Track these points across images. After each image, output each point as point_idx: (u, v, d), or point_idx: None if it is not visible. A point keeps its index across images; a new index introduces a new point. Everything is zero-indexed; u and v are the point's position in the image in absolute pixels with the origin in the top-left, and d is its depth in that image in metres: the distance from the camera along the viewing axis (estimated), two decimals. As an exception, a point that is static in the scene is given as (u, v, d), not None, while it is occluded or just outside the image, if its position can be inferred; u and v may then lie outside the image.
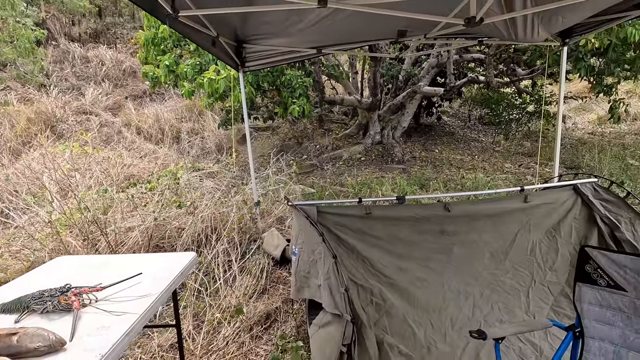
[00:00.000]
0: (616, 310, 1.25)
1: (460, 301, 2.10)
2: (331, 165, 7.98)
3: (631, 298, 1.22)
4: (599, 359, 1.26)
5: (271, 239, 3.32)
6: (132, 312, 1.31)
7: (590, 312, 1.29)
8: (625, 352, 1.21)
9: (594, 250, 1.29)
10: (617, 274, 1.23)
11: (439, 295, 2.11)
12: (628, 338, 1.21)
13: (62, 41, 12.07)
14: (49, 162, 4.95)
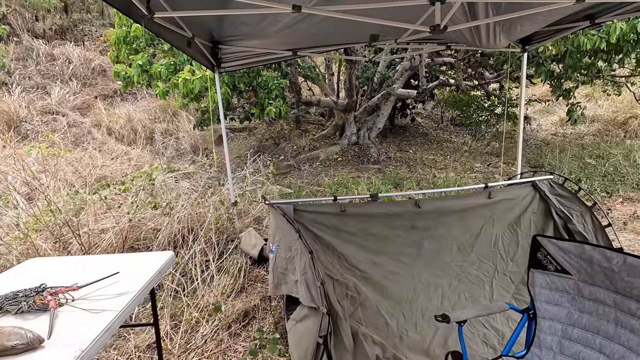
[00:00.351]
0: (563, 292, 1.39)
1: (430, 292, 2.22)
2: (308, 165, 8.06)
3: (575, 280, 1.36)
4: (549, 337, 1.40)
5: (249, 239, 3.35)
6: (110, 309, 1.33)
7: (542, 295, 1.43)
8: (571, 329, 1.35)
9: (544, 239, 1.43)
10: (563, 260, 1.37)
11: (410, 287, 2.22)
12: (573, 316, 1.35)
13: (25, 37, 11.51)
14: (13, 164, 4.75)
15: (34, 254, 2.62)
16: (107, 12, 16.06)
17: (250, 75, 5.26)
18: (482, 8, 2.31)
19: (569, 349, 1.33)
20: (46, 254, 2.61)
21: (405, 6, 2.04)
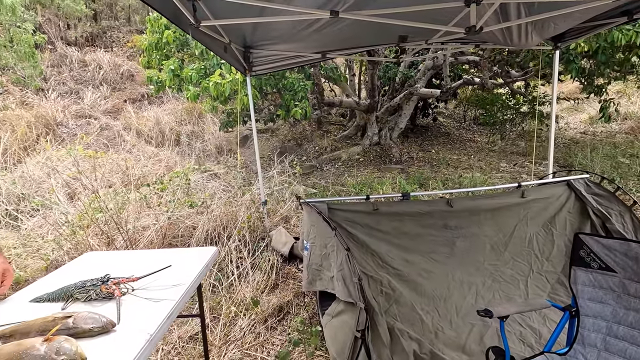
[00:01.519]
0: (607, 289, 1.39)
1: (464, 290, 2.24)
2: (330, 166, 8.13)
3: (620, 278, 1.36)
4: (593, 334, 1.40)
5: (279, 237, 3.44)
6: (168, 298, 1.43)
7: (585, 292, 1.44)
8: (617, 327, 1.36)
9: (587, 237, 1.43)
10: (608, 257, 1.38)
11: (444, 285, 2.24)
12: (618, 314, 1.36)
13: (59, 45, 12.09)
14: (54, 166, 5.03)
15: (82, 249, 2.80)
16: (133, 19, 16.66)
17: (276, 77, 5.38)
18: (514, 8, 2.31)
19: (614, 346, 1.33)
20: (95, 249, 2.77)
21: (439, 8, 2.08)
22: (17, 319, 1.31)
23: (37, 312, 1.38)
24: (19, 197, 4.54)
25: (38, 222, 3.79)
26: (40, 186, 4.74)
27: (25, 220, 4.05)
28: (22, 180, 4.89)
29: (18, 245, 3.15)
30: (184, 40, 5.33)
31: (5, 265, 1.47)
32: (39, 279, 1.67)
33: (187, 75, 4.76)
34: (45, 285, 1.61)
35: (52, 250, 2.79)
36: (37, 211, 4.21)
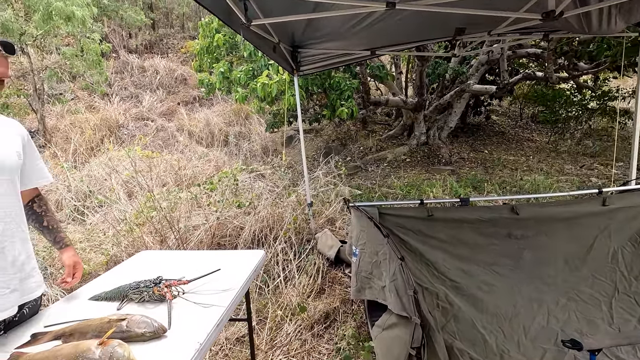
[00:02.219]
0: None
1: (533, 309, 1.99)
2: (375, 166, 7.93)
3: None
4: None
5: (325, 240, 3.36)
6: (218, 304, 1.40)
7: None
8: None
9: None
10: None
11: (509, 301, 2.02)
12: None
13: (122, 53, 13.07)
14: (114, 166, 5.38)
15: (138, 245, 2.93)
16: (186, 26, 17.58)
17: (322, 77, 5.32)
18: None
19: None
20: (149, 246, 2.89)
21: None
22: (78, 316, 1.35)
23: (95, 310, 1.41)
24: (85, 194, 4.91)
25: (100, 218, 4.05)
26: (103, 184, 5.10)
27: (89, 216, 4.36)
28: (88, 178, 5.29)
29: (83, 239, 3.38)
30: (233, 43, 5.45)
31: (76, 259, 1.53)
32: (98, 277, 1.73)
33: (235, 77, 4.86)
34: (104, 282, 1.67)
35: (111, 246, 2.95)
36: (100, 207, 4.53)
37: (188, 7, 16.61)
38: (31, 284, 1.28)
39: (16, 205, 1.23)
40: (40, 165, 1.39)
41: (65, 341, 1.18)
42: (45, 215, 1.45)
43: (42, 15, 7.18)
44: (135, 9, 13.34)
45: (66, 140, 7.62)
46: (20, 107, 8.15)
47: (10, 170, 1.19)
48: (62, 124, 8.30)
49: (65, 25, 7.56)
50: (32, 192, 1.41)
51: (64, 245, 1.52)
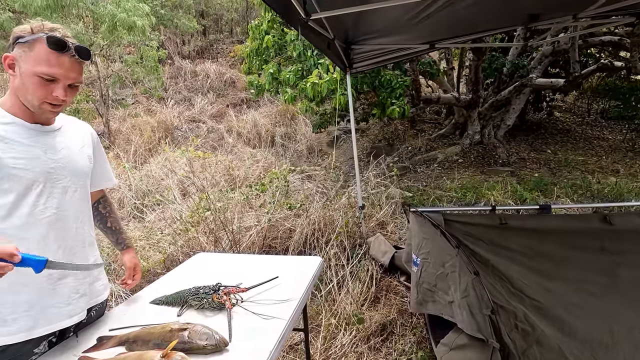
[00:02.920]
0: None
1: (636, 338, 1.69)
2: (425, 167, 7.58)
3: None
4: None
5: (378, 245, 3.20)
6: (279, 317, 1.31)
7: None
8: None
9: None
10: None
11: (604, 327, 1.73)
12: None
13: (177, 59, 13.80)
14: (170, 166, 5.62)
15: (193, 245, 2.98)
16: (235, 30, 18.20)
17: (372, 75, 5.14)
18: None
19: None
20: (203, 246, 2.93)
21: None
22: (139, 319, 1.33)
23: (156, 313, 1.39)
24: (144, 192, 5.17)
25: (157, 216, 4.22)
26: (160, 184, 5.34)
27: (148, 214, 4.57)
28: (147, 178, 5.57)
29: (143, 237, 3.52)
30: (282, 44, 5.45)
31: (136, 261, 1.54)
32: (158, 279, 1.73)
33: (284, 78, 4.85)
34: (164, 284, 1.66)
35: (168, 245, 3.03)
36: (158, 206, 4.73)
37: (236, 13, 17.19)
38: (99, 287, 1.28)
39: (88, 209, 1.23)
40: (107, 167, 1.40)
41: (129, 347, 1.16)
42: (110, 216, 1.46)
43: (108, 27, 7.74)
44: (188, 17, 14.05)
45: (127, 141, 8.16)
46: (89, 111, 8.87)
47: (84, 175, 1.20)
48: (124, 127, 8.90)
49: (128, 34, 8.10)
50: (98, 194, 1.42)
51: (125, 247, 1.53)
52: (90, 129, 1.32)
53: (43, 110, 1.03)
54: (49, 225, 1.05)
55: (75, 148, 1.17)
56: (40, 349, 1.08)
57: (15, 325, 1.01)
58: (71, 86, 1.04)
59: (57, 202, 1.08)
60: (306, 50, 4.63)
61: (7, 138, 1.00)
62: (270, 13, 5.36)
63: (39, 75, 0.98)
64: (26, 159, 1.01)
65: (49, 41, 0.97)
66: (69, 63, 1.01)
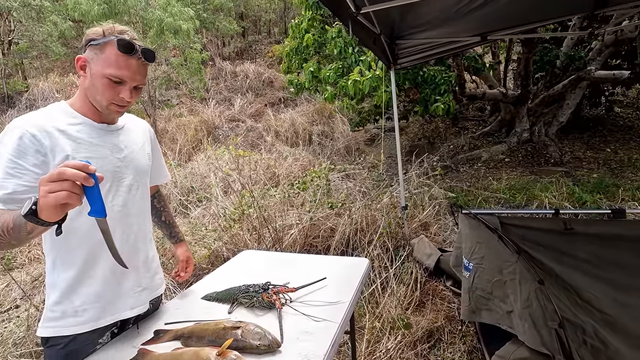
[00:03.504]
0: None
1: None
2: (468, 166, 7.26)
3: None
4: None
5: (422, 247, 3.08)
6: (330, 319, 1.27)
7: None
8: None
9: None
10: None
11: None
12: None
13: (217, 61, 14.26)
14: (214, 164, 5.80)
15: (236, 242, 3.03)
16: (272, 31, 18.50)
17: (414, 71, 4.98)
18: None
19: None
20: (246, 243, 2.97)
21: None
22: (192, 314, 1.35)
23: (207, 309, 1.41)
24: (188, 189, 5.37)
25: (201, 212, 4.35)
26: (203, 181, 5.52)
27: (192, 210, 4.74)
28: (191, 175, 5.79)
29: (188, 232, 3.65)
30: (322, 42, 5.43)
31: (188, 254, 1.58)
32: (208, 275, 1.76)
33: (324, 76, 4.82)
34: (214, 279, 1.68)
35: (213, 241, 3.11)
36: (201, 202, 4.89)
37: (274, 14, 17.46)
38: (157, 280, 1.32)
39: (148, 206, 1.27)
40: (162, 163, 1.43)
41: (184, 342, 1.17)
42: (164, 210, 1.49)
43: (155, 31, 8.13)
44: (228, 19, 14.46)
45: (173, 140, 8.54)
46: (138, 112, 9.40)
47: (145, 173, 1.23)
48: (169, 126, 9.33)
49: (173, 38, 8.46)
50: (153, 189, 1.46)
51: (178, 240, 1.56)
52: (147, 125, 1.36)
53: (110, 111, 1.07)
54: (115, 223, 1.09)
55: (136, 147, 1.21)
56: (104, 339, 1.12)
57: (86, 316, 1.05)
58: (136, 88, 1.07)
59: (122, 200, 1.12)
60: (347, 47, 4.57)
61: (79, 138, 1.04)
62: (310, 12, 5.35)
63: (108, 77, 1.00)
64: (96, 159, 1.05)
65: (119, 44, 0.99)
66: (135, 65, 1.03)
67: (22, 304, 2.99)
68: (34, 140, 0.95)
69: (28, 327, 2.48)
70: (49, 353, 1.04)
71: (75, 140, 1.02)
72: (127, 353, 1.11)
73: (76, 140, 1.03)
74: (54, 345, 1.04)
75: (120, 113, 1.11)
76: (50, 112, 1.04)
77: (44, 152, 0.96)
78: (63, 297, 1.05)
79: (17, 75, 11.56)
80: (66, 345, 1.04)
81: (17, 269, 3.62)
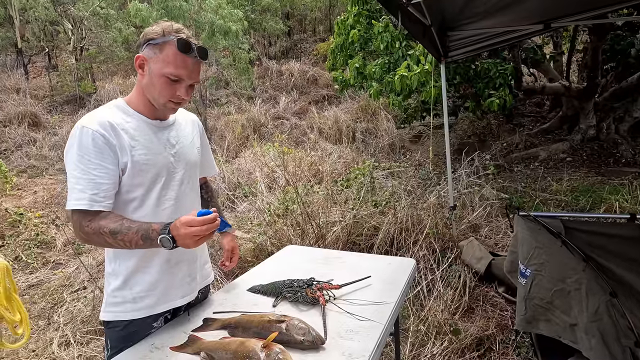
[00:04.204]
0: None
1: None
2: (523, 166, 6.78)
3: None
4: None
5: (472, 250, 2.92)
6: (375, 320, 1.24)
7: None
8: None
9: None
10: None
11: None
12: None
13: (264, 60, 14.63)
14: (259, 160, 5.96)
15: (280, 237, 3.08)
16: (317, 29, 18.60)
17: (465, 65, 4.72)
18: None
19: None
20: (290, 238, 3.01)
21: None
22: (238, 305, 1.39)
23: (252, 301, 1.43)
24: (235, 184, 5.57)
25: (247, 207, 4.49)
26: (249, 177, 5.69)
27: (238, 205, 4.91)
28: (237, 171, 5.99)
29: (234, 226, 3.78)
30: (368, 37, 5.34)
31: (234, 244, 1.61)
32: (253, 268, 1.80)
33: (370, 72, 4.73)
34: (259, 272, 1.71)
35: (258, 235, 3.19)
36: (246, 197, 5.05)
37: (320, 12, 17.52)
38: (206, 270, 1.37)
39: (198, 198, 1.32)
40: (210, 156, 1.48)
41: (231, 332, 1.20)
42: (211, 201, 1.52)
43: (207, 33, 8.52)
44: (275, 19, 14.77)
45: (221, 137, 8.91)
46: (190, 110, 9.91)
47: (195, 166, 1.28)
48: (218, 124, 9.75)
49: (223, 39, 8.80)
50: (201, 180, 1.50)
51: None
52: (196, 119, 1.40)
53: (167, 108, 1.11)
54: (168, 216, 1.14)
55: (187, 141, 1.25)
56: (158, 323, 1.19)
57: (142, 303, 1.12)
58: (191, 86, 1.10)
59: (175, 193, 1.17)
60: (394, 41, 4.44)
61: (136, 135, 1.09)
62: (356, 7, 5.28)
63: (167, 75, 1.04)
64: (152, 155, 1.10)
65: (178, 44, 1.02)
66: (192, 64, 1.06)
67: (88, 286, 3.28)
68: (104, 140, 1.02)
69: (93, 307, 2.72)
70: (110, 334, 1.13)
71: (132, 137, 1.08)
72: (179, 338, 1.16)
73: (134, 138, 1.08)
74: (114, 328, 1.12)
75: (176, 110, 1.15)
76: (111, 109, 1.10)
77: (115, 150, 1.03)
78: (124, 284, 1.12)
79: (87, 78, 12.72)
80: (124, 327, 1.11)
81: (84, 254, 3.99)
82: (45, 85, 13.27)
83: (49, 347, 2.47)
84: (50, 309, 2.96)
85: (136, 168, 1.07)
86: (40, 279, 3.72)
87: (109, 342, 1.12)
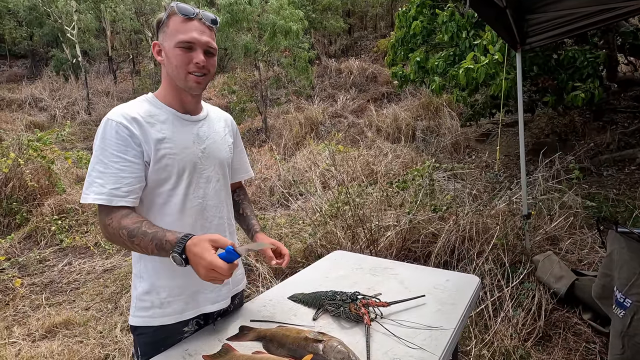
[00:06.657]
0: None
1: None
2: (615, 170, 5.87)
3: None
4: None
5: (550, 267, 2.52)
6: (428, 349, 1.06)
7: None
8: None
9: None
10: None
11: None
12: None
13: (324, 59, 14.68)
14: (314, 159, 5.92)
15: (330, 239, 2.98)
16: (378, 25, 18.18)
17: (544, 53, 4.16)
18: None
19: None
20: (340, 241, 2.89)
21: None
22: (276, 313, 1.30)
23: (292, 310, 1.34)
24: (290, 182, 5.60)
25: (300, 206, 4.46)
26: (304, 175, 5.68)
27: (293, 203, 4.91)
28: (293, 169, 6.02)
29: (287, 224, 3.76)
30: (431, 29, 4.99)
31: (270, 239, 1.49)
32: (296, 274, 1.71)
33: (432, 65, 4.40)
34: (301, 278, 1.62)
35: (308, 236, 3.12)
36: (301, 196, 5.03)
37: (382, 8, 17.09)
38: (238, 275, 1.30)
39: (228, 198, 1.25)
40: (245, 158, 1.40)
41: (266, 346, 1.12)
42: (242, 203, 1.42)
43: (269, 34, 8.73)
44: (335, 17, 14.73)
45: (279, 136, 9.09)
46: (252, 110, 10.28)
47: (226, 164, 1.21)
48: (277, 123, 9.97)
49: (284, 39, 8.96)
50: (236, 185, 1.43)
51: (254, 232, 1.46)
52: (230, 118, 1.34)
53: (190, 85, 1.05)
54: (195, 215, 1.08)
55: (218, 137, 1.19)
56: (189, 327, 1.14)
57: (170, 308, 1.08)
58: (207, 53, 1.05)
59: (202, 192, 1.11)
60: (460, 31, 4.06)
61: (163, 129, 1.05)
62: (419, -3, 4.96)
63: (178, 45, 1.02)
64: (178, 149, 1.05)
65: (178, 8, 1.02)
66: (199, 26, 1.03)
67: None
68: (129, 133, 0.98)
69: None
70: (139, 340, 1.09)
71: (160, 130, 1.04)
72: (213, 345, 1.11)
73: (161, 131, 1.04)
74: (143, 334, 1.08)
75: (201, 85, 1.07)
76: (139, 103, 1.08)
77: (139, 143, 0.99)
78: (151, 287, 1.08)
79: (161, 82, 13.96)
80: (154, 332, 1.07)
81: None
82: (129, 88, 14.80)
83: (113, 330, 2.65)
84: (118, 294, 3.20)
85: (162, 162, 1.02)
86: (114, 264, 4.07)
87: (139, 349, 1.09)
